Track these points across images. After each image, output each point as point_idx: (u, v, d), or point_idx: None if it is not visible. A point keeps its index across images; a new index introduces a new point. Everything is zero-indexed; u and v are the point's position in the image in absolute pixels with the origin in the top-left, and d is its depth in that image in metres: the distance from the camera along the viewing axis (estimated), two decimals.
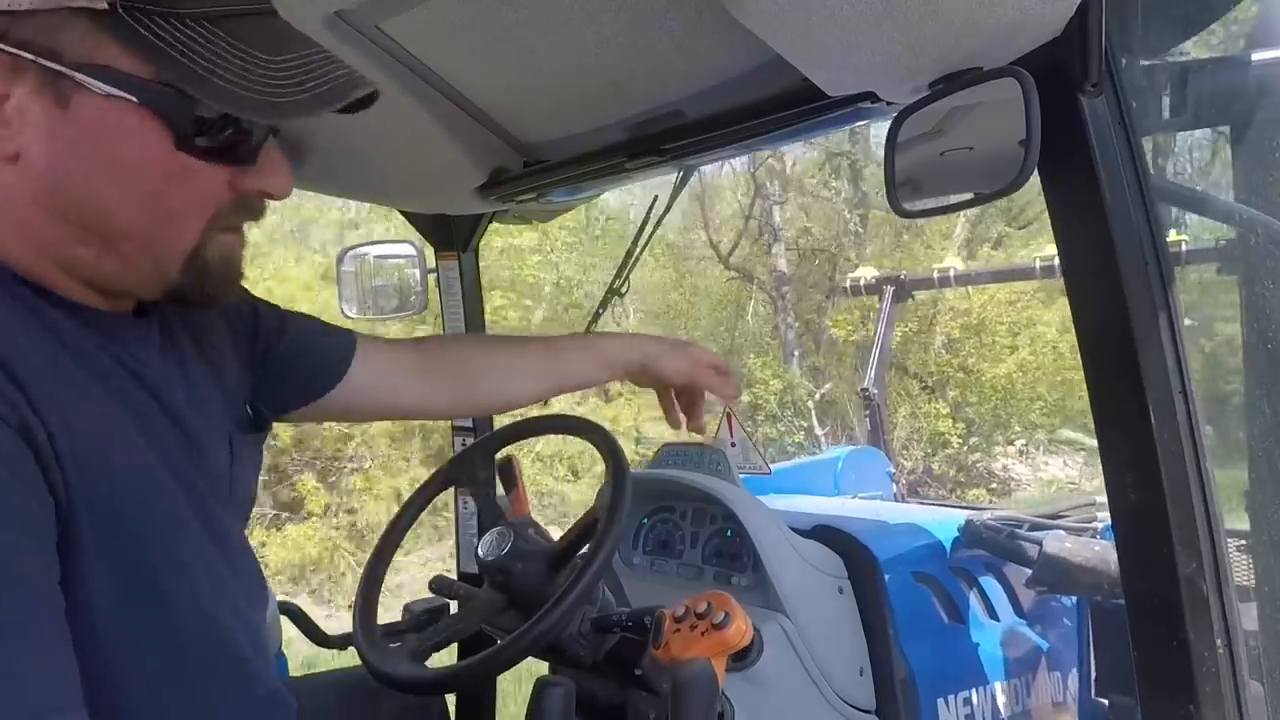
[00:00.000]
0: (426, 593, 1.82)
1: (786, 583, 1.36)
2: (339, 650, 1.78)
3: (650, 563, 1.64)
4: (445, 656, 1.20)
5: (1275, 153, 1.01)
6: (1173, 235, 1.05)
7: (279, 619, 1.63)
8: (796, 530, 1.46)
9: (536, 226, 8.40)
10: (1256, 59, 1.01)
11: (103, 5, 0.56)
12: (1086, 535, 1.52)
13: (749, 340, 11.58)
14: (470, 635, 1.13)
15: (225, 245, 0.68)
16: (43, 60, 0.56)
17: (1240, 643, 0.85)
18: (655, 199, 1.73)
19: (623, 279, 1.75)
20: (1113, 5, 0.78)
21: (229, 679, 0.71)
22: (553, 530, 1.19)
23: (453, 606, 1.77)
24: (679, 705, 0.94)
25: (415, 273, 1.77)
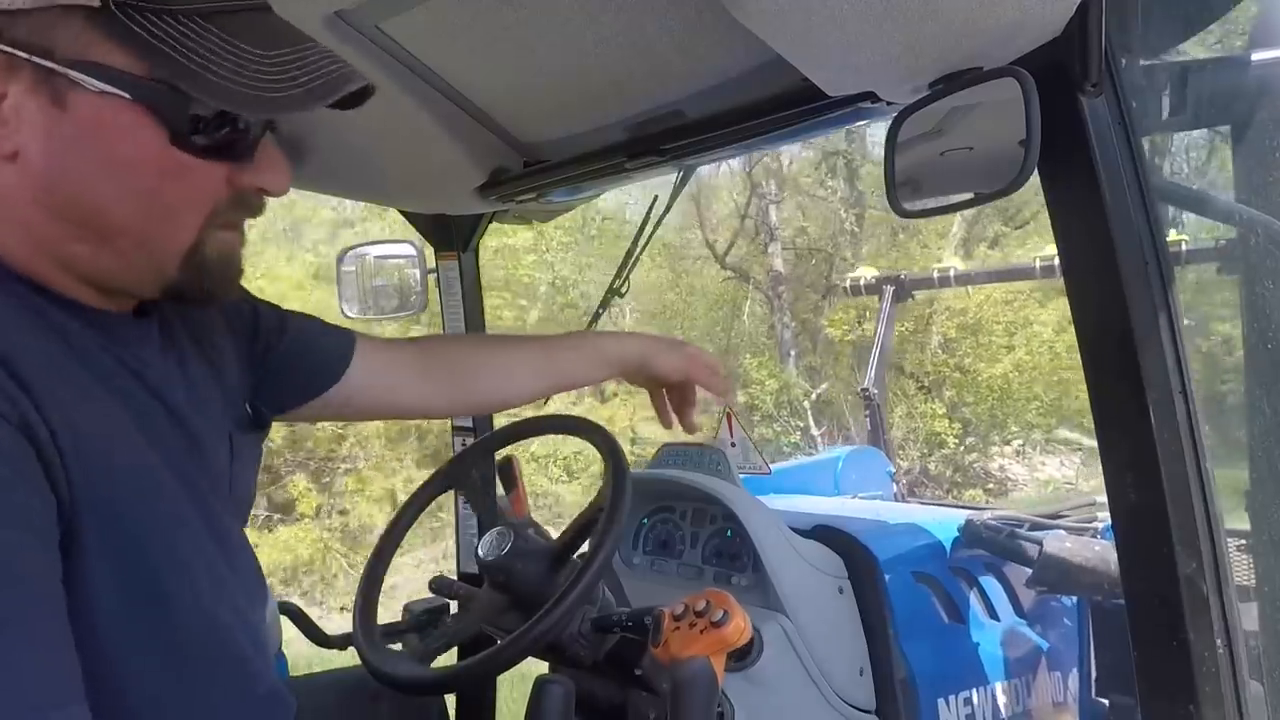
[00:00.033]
0: (420, 594, 1.83)
1: (786, 583, 1.36)
2: (339, 650, 1.78)
3: (650, 563, 1.64)
4: (445, 656, 1.20)
5: (1275, 153, 1.01)
6: (1173, 235, 1.05)
7: (279, 619, 1.63)
8: (796, 530, 1.46)
9: (531, 226, 8.41)
10: (1256, 59, 1.01)
11: (96, 3, 0.56)
12: (1086, 535, 1.52)
13: (745, 340, 11.56)
14: (472, 636, 1.13)
15: (224, 242, 0.68)
16: (37, 58, 0.57)
17: (1240, 643, 0.85)
18: (655, 199, 1.72)
19: (623, 279, 1.75)
20: (1113, 5, 0.78)
21: (229, 677, 0.71)
22: (550, 531, 1.19)
23: (453, 606, 1.77)
24: (678, 703, 0.94)
25: (415, 273, 1.77)
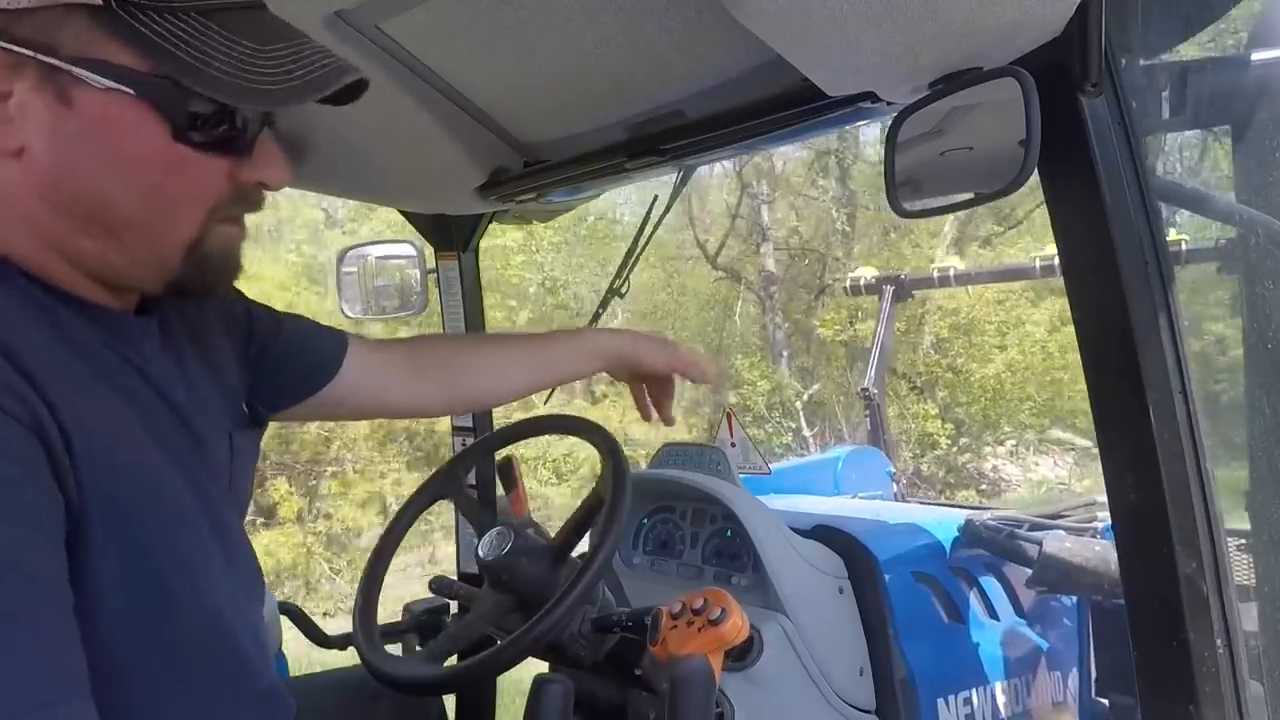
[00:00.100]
0: (407, 598, 1.84)
1: (786, 583, 1.37)
2: (339, 650, 1.78)
3: (650, 563, 1.64)
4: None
5: (1275, 153, 1.01)
6: (1172, 235, 1.05)
7: (279, 619, 1.63)
8: (796, 530, 1.46)
9: (521, 226, 8.40)
10: (1256, 59, 1.01)
11: (99, 1, 0.57)
12: (1086, 535, 1.52)
13: (737, 341, 11.50)
14: (478, 637, 1.13)
15: (226, 236, 0.69)
16: (41, 56, 0.58)
17: (1240, 643, 0.85)
18: (655, 199, 1.73)
19: (623, 279, 1.75)
20: (1113, 5, 0.78)
21: (230, 675, 0.71)
22: (549, 531, 1.19)
23: (453, 607, 1.77)
24: (676, 701, 0.94)
25: (415, 273, 1.77)
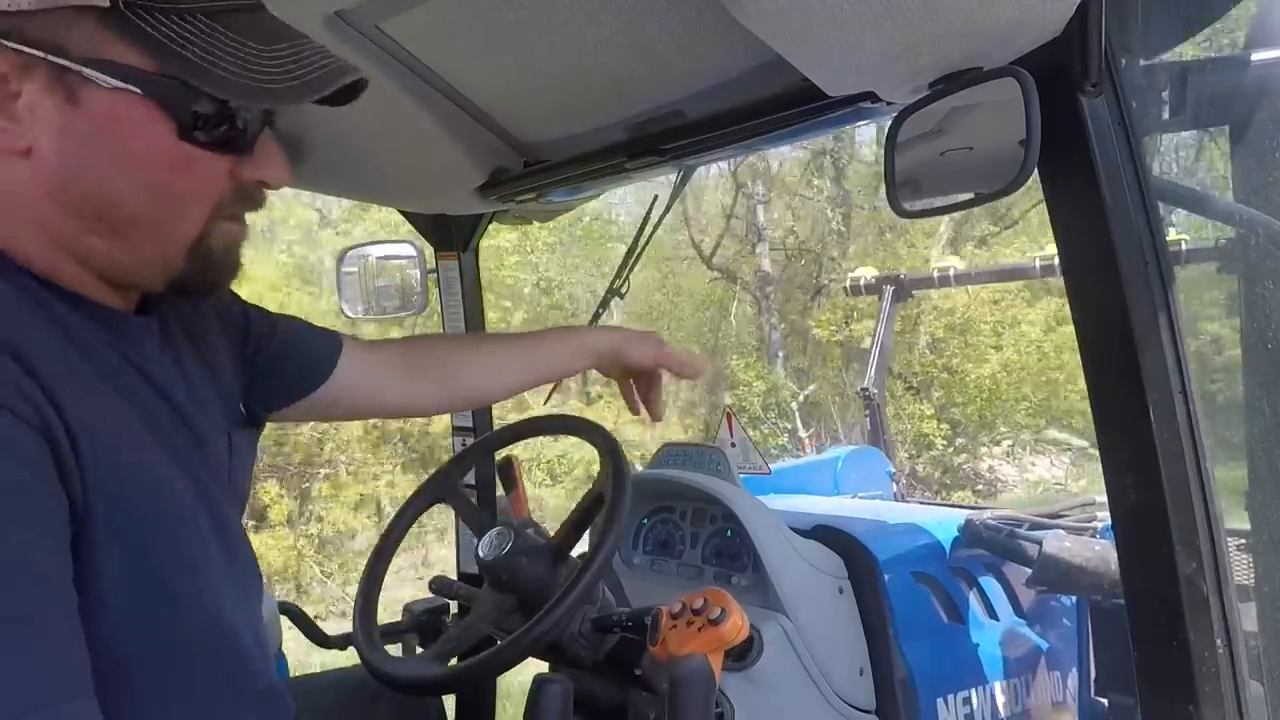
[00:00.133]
0: (398, 601, 1.84)
1: (786, 583, 1.37)
2: (339, 650, 1.78)
3: (650, 563, 1.64)
4: None
5: (1275, 153, 1.01)
6: (1172, 235, 1.05)
7: (279, 619, 1.63)
8: (796, 530, 1.46)
9: (516, 227, 8.38)
10: (1256, 59, 1.01)
11: (106, 3, 0.58)
12: (1086, 535, 1.53)
13: (732, 342, 11.42)
14: (480, 638, 1.13)
15: (228, 233, 0.70)
16: (52, 57, 0.59)
17: (1240, 643, 0.85)
18: (655, 199, 1.73)
19: (623, 279, 1.75)
20: (1113, 5, 0.78)
21: (230, 675, 0.72)
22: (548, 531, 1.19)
23: (453, 607, 1.77)
24: (675, 701, 0.94)
25: (416, 273, 1.77)
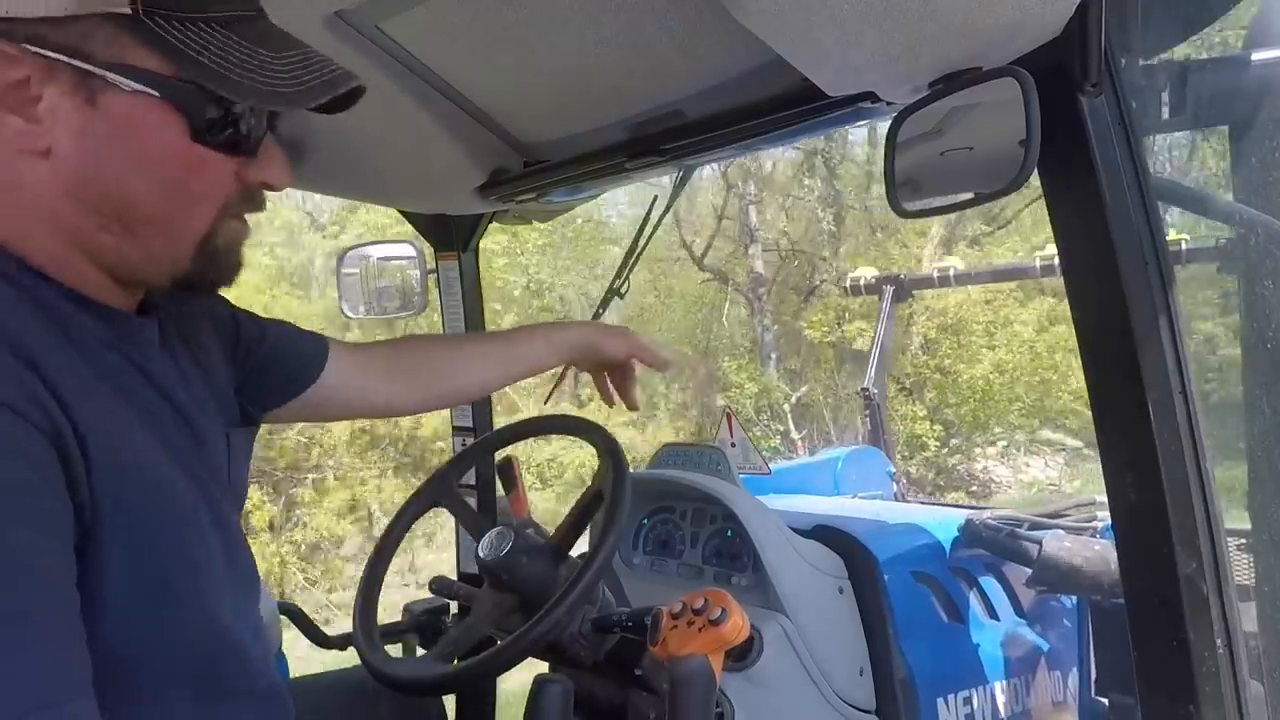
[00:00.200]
0: (391, 605, 1.83)
1: (786, 583, 1.37)
2: (339, 650, 1.78)
3: (650, 563, 1.64)
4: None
5: (1275, 153, 1.01)
6: (1172, 235, 1.05)
7: (279, 619, 1.63)
8: (796, 530, 1.46)
9: (507, 229, 8.35)
10: (1256, 59, 1.01)
11: (127, 11, 0.61)
12: (1086, 535, 1.53)
13: (725, 343, 11.36)
14: (481, 639, 1.13)
15: (233, 232, 0.73)
16: (76, 62, 0.61)
17: (1240, 643, 0.85)
18: (655, 199, 1.73)
19: (623, 279, 1.75)
20: (1113, 5, 0.78)
21: (231, 674, 0.72)
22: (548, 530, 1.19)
23: (453, 607, 1.77)
24: (676, 701, 0.94)
25: (416, 273, 1.77)
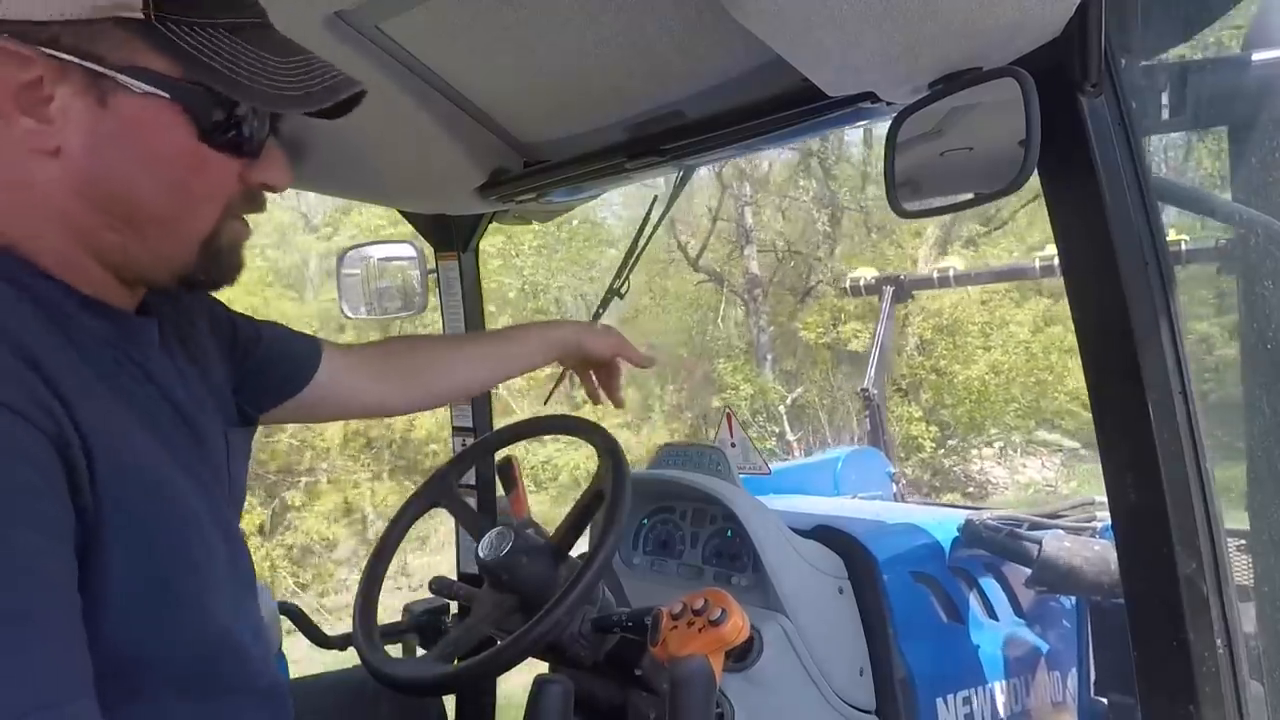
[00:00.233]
0: (386, 608, 1.83)
1: (786, 583, 1.37)
2: (339, 651, 1.78)
3: (650, 563, 1.64)
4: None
5: (1275, 153, 1.01)
6: (1172, 235, 1.05)
7: (279, 619, 1.63)
8: (796, 530, 1.46)
9: (500, 230, 8.33)
10: (1256, 59, 1.01)
11: (139, 15, 0.63)
12: (1085, 535, 1.53)
13: (720, 345, 11.31)
14: (481, 639, 1.13)
15: (236, 231, 0.74)
16: (89, 64, 0.63)
17: (1240, 643, 0.85)
18: (655, 199, 1.73)
19: (623, 279, 1.75)
20: (1112, 5, 0.78)
21: (231, 673, 0.73)
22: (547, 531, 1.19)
23: (453, 607, 1.77)
24: (676, 702, 0.94)
25: (416, 273, 1.77)
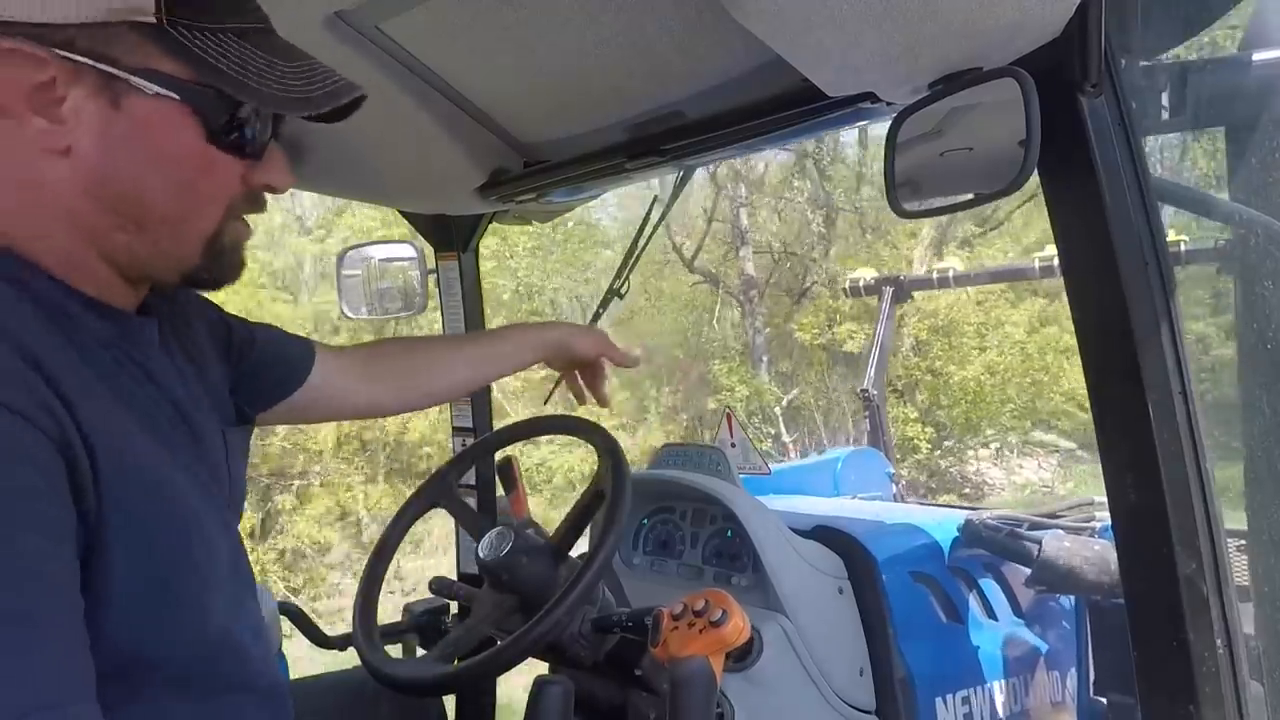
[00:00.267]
0: (383, 610, 1.83)
1: (786, 583, 1.37)
2: (339, 651, 1.78)
3: (650, 563, 1.64)
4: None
5: (1274, 153, 1.01)
6: (1172, 235, 1.05)
7: (279, 619, 1.63)
8: (796, 530, 1.46)
9: (495, 231, 8.31)
10: (1256, 59, 1.01)
11: (152, 20, 0.65)
12: (1085, 535, 1.53)
13: (715, 346, 11.26)
14: (481, 639, 1.13)
15: (238, 231, 0.76)
16: (103, 66, 0.64)
17: (1240, 643, 0.85)
18: (655, 199, 1.73)
19: (623, 280, 1.75)
20: (1112, 5, 0.78)
21: (231, 673, 0.73)
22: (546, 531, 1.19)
23: (453, 607, 1.77)
24: (676, 703, 0.94)
25: (416, 273, 1.77)
